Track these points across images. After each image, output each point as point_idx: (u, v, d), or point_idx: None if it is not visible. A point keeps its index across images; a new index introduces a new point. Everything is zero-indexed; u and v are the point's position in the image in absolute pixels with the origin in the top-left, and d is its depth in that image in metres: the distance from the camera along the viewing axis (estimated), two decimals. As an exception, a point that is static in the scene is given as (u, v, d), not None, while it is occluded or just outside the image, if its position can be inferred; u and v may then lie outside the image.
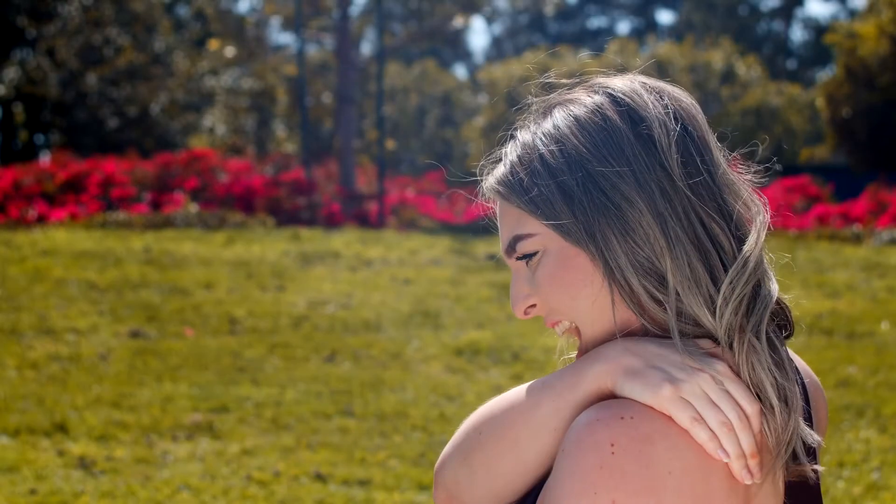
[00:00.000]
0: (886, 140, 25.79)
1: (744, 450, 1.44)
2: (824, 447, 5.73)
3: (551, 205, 1.54)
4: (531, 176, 1.56)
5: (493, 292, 11.36)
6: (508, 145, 1.63)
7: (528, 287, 1.59)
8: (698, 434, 1.42)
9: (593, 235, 1.51)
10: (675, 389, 1.44)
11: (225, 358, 8.80)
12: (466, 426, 1.58)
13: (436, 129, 39.73)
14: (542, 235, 1.56)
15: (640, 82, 1.59)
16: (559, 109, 1.59)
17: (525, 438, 1.51)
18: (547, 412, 1.50)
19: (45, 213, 16.37)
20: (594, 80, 1.62)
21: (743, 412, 1.45)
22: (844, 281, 12.08)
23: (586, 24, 58.27)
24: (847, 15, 52.06)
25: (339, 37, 22.19)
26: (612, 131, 1.54)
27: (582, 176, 1.53)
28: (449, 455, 1.59)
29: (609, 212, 1.51)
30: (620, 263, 1.50)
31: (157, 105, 32.99)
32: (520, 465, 1.52)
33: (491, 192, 1.63)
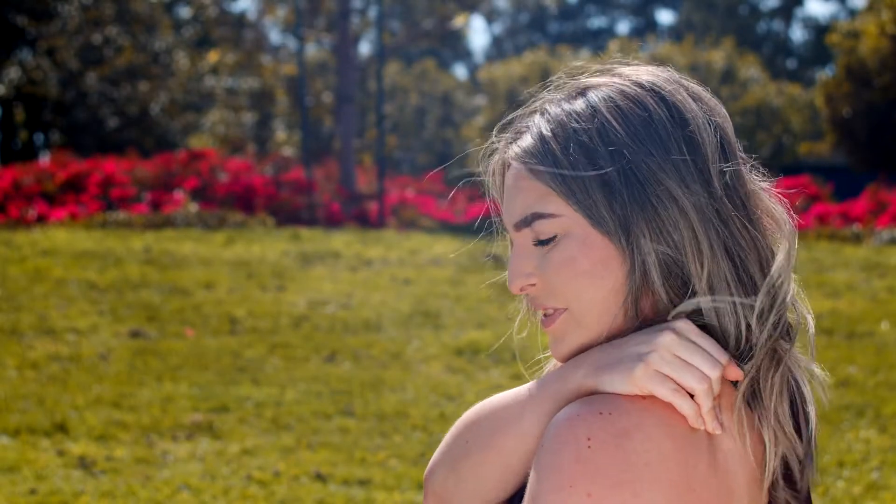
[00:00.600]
0: (886, 140, 25.78)
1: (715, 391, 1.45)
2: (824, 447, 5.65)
3: (587, 190, 1.50)
4: (566, 155, 1.51)
5: (493, 292, 11.36)
6: (534, 117, 1.58)
7: (532, 265, 1.55)
8: (680, 405, 1.43)
9: (627, 230, 1.49)
10: (646, 366, 1.44)
11: (225, 358, 8.80)
12: (453, 433, 1.60)
13: (436, 130, 39.74)
14: (568, 218, 1.51)
15: (678, 81, 1.56)
16: (595, 93, 1.55)
17: (510, 446, 1.53)
18: (531, 420, 1.51)
19: (45, 212, 16.38)
20: (623, 69, 1.59)
21: (714, 357, 1.46)
22: (844, 281, 12.07)
23: (586, 24, 58.27)
24: (847, 15, 52.06)
25: (339, 37, 22.19)
26: (658, 126, 1.51)
27: (624, 165, 1.49)
28: (437, 462, 1.61)
29: (647, 208, 1.48)
30: (648, 262, 1.49)
31: (157, 105, 32.98)
32: (506, 472, 1.54)
33: (516, 161, 1.56)
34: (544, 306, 1.55)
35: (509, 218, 1.58)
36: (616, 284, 1.51)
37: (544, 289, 1.55)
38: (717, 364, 1.45)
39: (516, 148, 1.57)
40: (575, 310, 1.53)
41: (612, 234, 1.49)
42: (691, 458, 1.44)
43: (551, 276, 1.53)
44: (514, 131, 1.60)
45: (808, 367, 1.55)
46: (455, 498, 1.59)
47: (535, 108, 1.60)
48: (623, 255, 1.50)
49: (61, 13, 32.05)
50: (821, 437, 6.92)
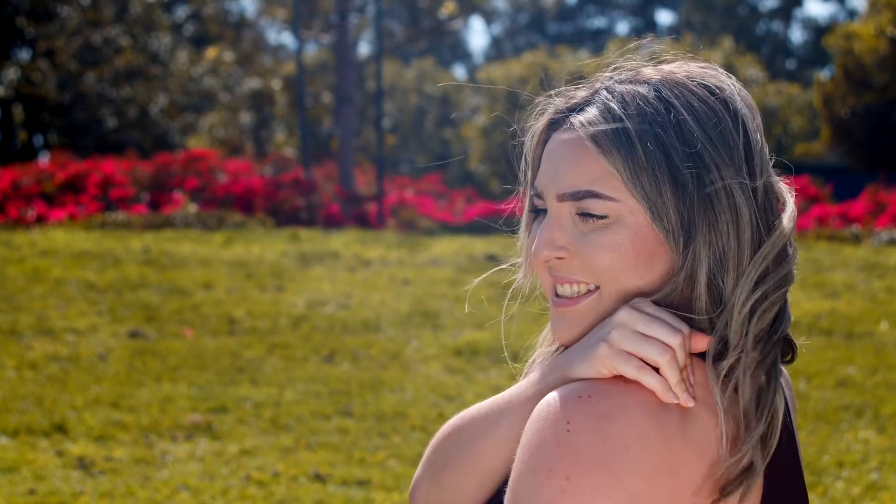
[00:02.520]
0: (885, 140, 25.79)
1: (680, 361, 1.43)
2: (823, 447, 5.66)
3: (657, 185, 1.47)
4: (643, 143, 1.47)
5: (492, 292, 11.34)
6: (601, 94, 1.53)
7: (566, 240, 1.52)
8: (646, 380, 1.42)
9: (689, 234, 1.47)
10: (608, 346, 1.44)
11: (224, 358, 8.80)
12: (434, 445, 1.61)
13: (435, 130, 39.74)
14: (626, 205, 1.48)
15: (733, 84, 1.54)
16: (666, 86, 1.51)
17: (488, 454, 1.54)
18: (507, 427, 1.52)
19: (44, 213, 16.37)
20: (675, 64, 1.56)
21: (672, 326, 1.44)
22: (843, 281, 12.07)
23: (586, 24, 58.28)
24: (846, 15, 52.08)
25: (338, 37, 22.19)
26: (727, 134, 1.49)
27: (696, 167, 1.47)
28: (420, 477, 1.62)
29: (711, 215, 1.47)
30: (701, 269, 1.47)
31: (155, 105, 32.98)
32: (486, 479, 1.55)
33: (583, 133, 1.50)
34: (571, 279, 1.52)
35: (553, 185, 1.52)
36: (653, 278, 1.50)
37: (574, 264, 1.51)
38: (677, 331, 1.44)
39: (583, 118, 1.51)
40: (607, 290, 1.50)
41: (670, 233, 1.47)
42: (674, 440, 1.43)
43: (592, 256, 1.50)
44: (567, 100, 1.56)
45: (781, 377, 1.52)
46: None
47: (595, 85, 1.56)
48: (671, 255, 1.48)
49: (60, 14, 32.04)
50: (820, 438, 6.92)
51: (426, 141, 39.82)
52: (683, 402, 1.43)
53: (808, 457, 6.55)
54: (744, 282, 1.47)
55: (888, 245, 15.09)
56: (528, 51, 37.37)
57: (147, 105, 32.78)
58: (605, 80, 1.56)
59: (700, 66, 1.56)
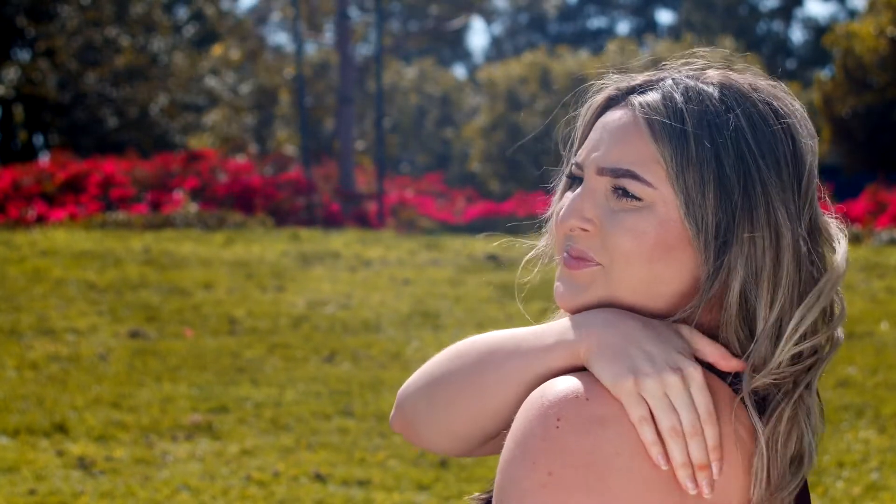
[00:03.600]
0: (885, 140, 25.79)
1: (692, 460, 1.39)
2: (824, 447, 5.65)
3: (702, 183, 1.45)
4: (696, 140, 1.46)
5: (492, 292, 11.36)
6: (666, 81, 1.52)
7: (595, 213, 1.50)
8: (644, 434, 1.39)
9: (726, 243, 1.45)
10: (636, 383, 1.41)
11: (224, 358, 8.80)
12: (439, 358, 1.58)
13: (435, 130, 39.74)
14: (662, 194, 1.47)
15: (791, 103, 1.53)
16: (729, 92, 1.50)
17: (491, 386, 1.51)
18: (517, 366, 1.49)
19: (45, 213, 16.38)
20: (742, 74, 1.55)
21: (699, 420, 1.40)
22: (844, 281, 12.07)
23: (586, 24, 58.28)
24: (846, 15, 52.07)
25: (339, 37, 22.19)
26: (779, 150, 1.48)
27: (744, 176, 1.45)
28: (413, 384, 1.59)
29: (755, 226, 1.45)
30: (734, 280, 1.45)
31: (156, 105, 32.99)
32: (480, 411, 1.52)
33: (639, 114, 1.49)
34: (586, 255, 1.50)
35: (596, 155, 1.51)
36: (668, 277, 1.47)
37: (594, 240, 1.50)
38: (699, 429, 1.40)
39: (643, 100, 1.50)
40: (613, 271, 1.49)
41: (701, 233, 1.45)
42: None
43: (612, 235, 1.48)
44: (630, 80, 1.55)
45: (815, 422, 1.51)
46: (423, 425, 1.58)
47: (661, 74, 1.55)
48: (693, 257, 1.47)
49: (60, 14, 32.05)
50: (820, 437, 6.91)
51: (426, 141, 39.82)
52: (683, 484, 1.39)
53: (808, 457, 6.54)
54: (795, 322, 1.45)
55: (888, 245, 15.09)
56: (528, 50, 37.36)
57: (147, 105, 32.78)
58: (672, 69, 1.56)
59: (769, 83, 1.54)
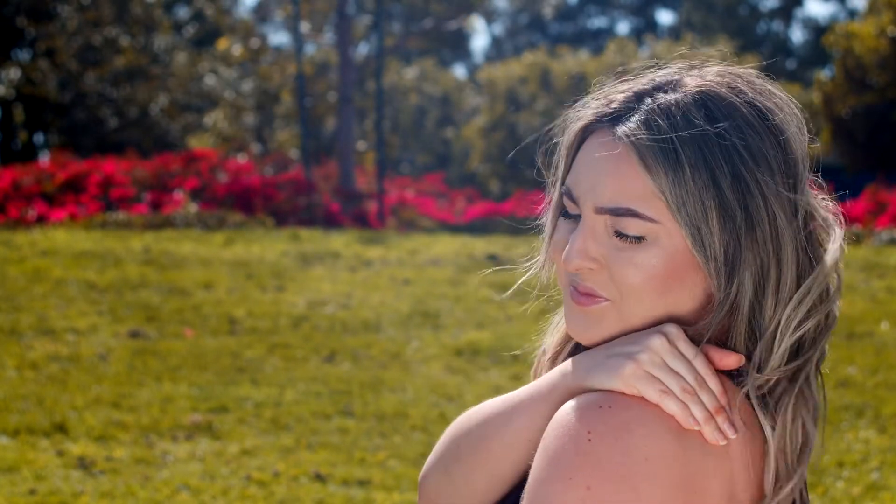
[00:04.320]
0: (885, 140, 25.79)
1: (709, 407, 1.42)
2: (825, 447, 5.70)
3: (703, 212, 1.42)
4: (691, 167, 1.42)
5: (492, 292, 11.36)
6: (645, 102, 1.47)
7: (599, 252, 1.47)
8: (668, 406, 1.41)
9: (733, 265, 1.44)
10: (636, 365, 1.42)
11: (224, 358, 8.80)
12: (447, 438, 1.60)
13: (435, 130, 39.74)
14: (666, 228, 1.44)
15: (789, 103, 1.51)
16: (713, 104, 1.46)
17: (499, 451, 1.53)
18: (519, 426, 1.51)
19: (45, 213, 16.38)
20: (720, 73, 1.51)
21: (698, 373, 1.43)
22: (844, 281, 12.04)
23: (586, 24, 58.27)
24: (846, 15, 52.07)
25: (339, 37, 22.19)
26: (770, 156, 1.46)
27: (742, 194, 1.43)
28: (431, 466, 1.61)
29: (755, 245, 1.44)
30: (745, 300, 1.45)
31: (156, 105, 32.99)
32: (496, 477, 1.54)
33: (628, 146, 1.45)
34: (594, 292, 1.49)
35: (591, 196, 1.47)
36: (680, 303, 1.47)
37: (601, 277, 1.48)
38: (702, 381, 1.43)
39: (627, 129, 1.46)
40: (624, 306, 1.48)
41: (711, 261, 1.43)
42: (695, 457, 1.42)
43: (621, 273, 1.46)
44: (607, 103, 1.50)
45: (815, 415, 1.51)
46: (447, 501, 1.59)
47: (633, 89, 1.50)
48: (704, 279, 1.46)
49: (60, 14, 32.05)
50: (820, 437, 6.91)
51: (427, 141, 39.82)
52: (711, 438, 1.42)
53: (808, 457, 6.54)
54: (787, 317, 1.45)
55: (888, 245, 15.09)
56: (528, 50, 37.35)
57: (148, 105, 32.79)
58: (645, 83, 1.51)
59: (748, 80, 1.52)
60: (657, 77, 1.52)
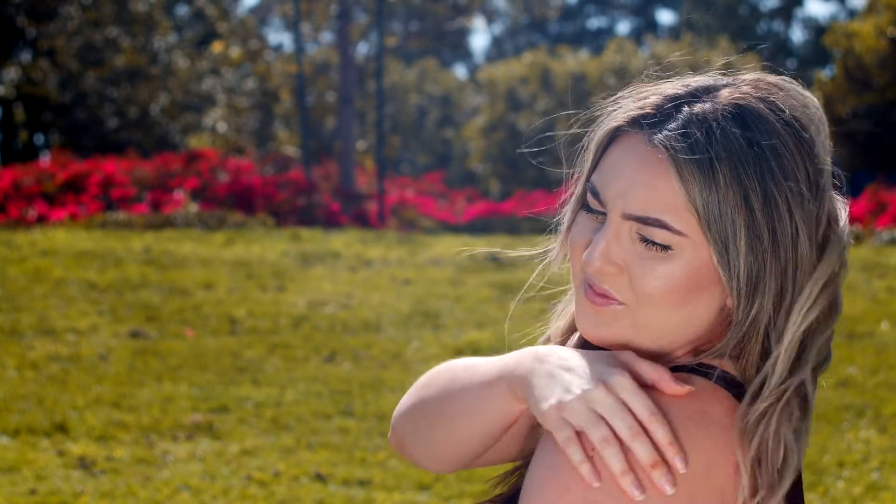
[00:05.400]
0: (885, 140, 25.79)
1: (641, 461, 1.35)
2: (824, 447, 5.65)
3: (734, 231, 1.40)
4: (726, 184, 1.40)
5: (493, 292, 11.35)
6: (684, 110, 1.44)
7: (621, 257, 1.45)
8: (571, 455, 1.36)
9: (755, 286, 1.42)
10: (558, 409, 1.38)
11: (225, 358, 8.80)
12: (418, 384, 1.62)
13: (436, 130, 39.74)
14: (693, 242, 1.42)
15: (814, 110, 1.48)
16: (752, 117, 1.44)
17: (454, 416, 1.54)
18: (468, 400, 1.52)
19: (45, 213, 16.38)
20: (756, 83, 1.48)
21: (637, 422, 1.36)
22: (844, 281, 12.07)
23: (586, 24, 58.28)
24: (847, 15, 52.08)
25: (339, 37, 22.20)
26: (800, 178, 1.43)
27: (772, 216, 1.41)
28: (401, 408, 1.64)
29: (779, 266, 1.42)
30: (762, 318, 1.43)
31: (156, 105, 32.99)
32: (452, 438, 1.56)
33: (664, 154, 1.42)
34: (609, 294, 1.47)
35: (620, 200, 1.45)
36: (696, 315, 1.45)
37: (620, 282, 1.46)
38: (638, 431, 1.36)
39: (664, 137, 1.43)
40: (639, 314, 1.45)
41: (734, 279, 1.42)
42: (697, 470, 1.41)
43: (641, 281, 1.44)
44: (640, 105, 1.47)
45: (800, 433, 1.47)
46: (410, 444, 1.64)
47: (671, 93, 1.48)
48: (721, 292, 1.44)
49: (61, 13, 32.05)
50: (821, 437, 6.92)
51: (427, 140, 39.82)
52: (630, 494, 1.36)
53: (809, 457, 6.55)
54: (793, 319, 1.44)
55: (889, 245, 15.09)
56: (528, 50, 37.36)
57: (148, 105, 32.79)
58: (678, 87, 1.49)
59: (784, 91, 1.48)
60: (692, 82, 1.50)
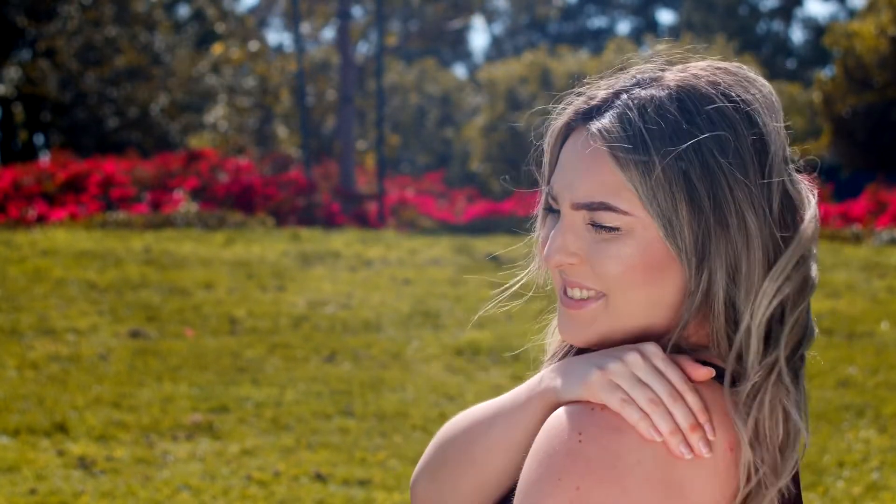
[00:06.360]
0: (885, 140, 25.79)
1: (680, 425, 1.41)
2: (824, 447, 5.65)
3: (673, 203, 1.45)
4: (660, 159, 1.44)
5: (492, 292, 11.34)
6: (621, 98, 1.50)
7: (578, 246, 1.50)
8: (629, 415, 1.41)
9: (703, 254, 1.45)
10: (603, 374, 1.43)
11: (225, 358, 8.80)
12: (434, 443, 1.62)
13: (435, 129, 39.74)
14: (639, 220, 1.46)
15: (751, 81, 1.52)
16: (686, 96, 1.48)
17: (482, 459, 1.55)
18: (499, 435, 1.53)
19: (45, 213, 16.38)
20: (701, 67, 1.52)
21: (674, 388, 1.42)
22: (844, 281, 12.07)
23: (586, 24, 58.28)
24: (847, 15, 52.09)
25: (339, 37, 22.19)
26: (743, 148, 1.46)
27: (712, 185, 1.44)
28: (420, 471, 1.63)
29: (727, 233, 1.45)
30: (718, 289, 1.45)
31: (156, 105, 32.99)
32: (481, 483, 1.55)
33: (599, 141, 1.47)
34: (581, 285, 1.51)
35: (568, 193, 1.50)
36: (665, 295, 1.48)
37: (585, 270, 1.50)
38: (677, 395, 1.42)
39: (600, 126, 1.48)
40: (613, 299, 1.49)
41: (683, 252, 1.45)
42: (689, 462, 1.42)
43: (601, 266, 1.48)
44: (587, 100, 1.53)
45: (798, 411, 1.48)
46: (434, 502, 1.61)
47: (615, 86, 1.53)
48: (685, 274, 1.46)
49: (61, 13, 32.05)
50: (821, 437, 6.92)
51: (427, 140, 39.82)
52: (675, 451, 1.41)
53: (808, 456, 6.55)
54: (759, 299, 1.45)
55: (889, 245, 15.09)
56: (528, 50, 37.36)
57: (148, 105, 32.79)
58: (626, 80, 1.53)
59: (730, 72, 1.53)
60: (639, 73, 1.54)
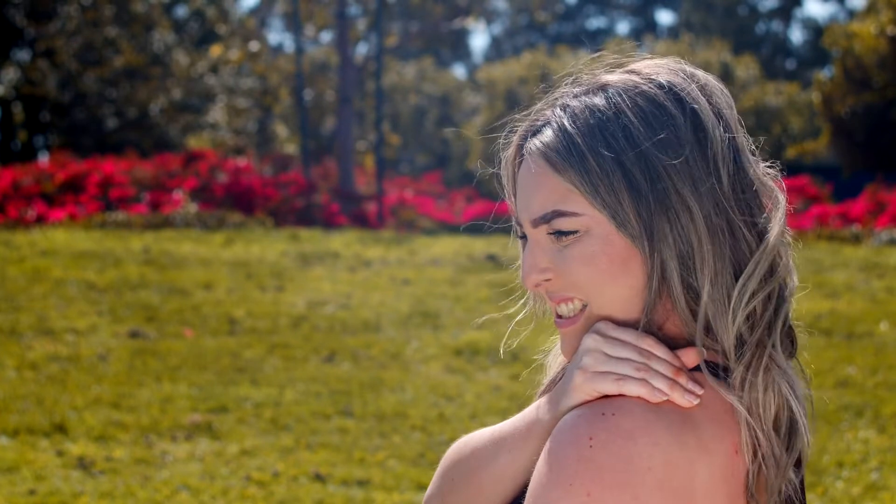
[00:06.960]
0: (885, 140, 25.79)
1: (668, 375, 1.44)
2: (824, 447, 5.65)
3: (614, 192, 1.48)
4: (593, 154, 1.48)
5: (492, 292, 11.35)
6: (554, 111, 1.54)
7: (548, 261, 1.53)
8: (630, 389, 1.43)
9: (651, 235, 1.47)
10: (582, 371, 1.46)
11: (224, 358, 8.80)
12: (443, 467, 1.63)
13: (435, 130, 39.74)
14: (590, 217, 1.49)
15: (692, 76, 1.54)
16: (617, 91, 1.52)
17: (488, 486, 1.56)
18: (504, 462, 1.54)
19: (44, 213, 16.37)
20: (642, 66, 1.56)
21: (640, 347, 1.46)
22: (843, 281, 12.07)
23: (585, 24, 58.28)
24: (846, 15, 52.09)
25: (339, 37, 22.19)
26: (679, 131, 1.49)
27: (647, 170, 1.47)
28: (430, 496, 1.65)
29: (670, 214, 1.47)
30: (670, 268, 1.47)
31: (156, 105, 32.98)
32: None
33: (536, 156, 1.52)
34: (564, 297, 1.53)
35: (526, 213, 1.54)
36: (637, 286, 1.49)
37: (562, 282, 1.52)
38: (647, 353, 1.45)
39: (537, 142, 1.53)
40: (593, 302, 1.51)
41: (637, 237, 1.48)
42: (699, 464, 1.42)
43: (570, 271, 1.51)
44: (531, 122, 1.57)
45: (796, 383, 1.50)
46: None
47: (554, 101, 1.56)
48: (644, 259, 1.48)
49: (60, 13, 32.04)
50: (820, 438, 6.92)
51: (426, 140, 39.82)
52: (682, 403, 1.43)
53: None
54: (737, 293, 1.47)
55: (888, 245, 15.09)
56: (527, 50, 37.37)
57: (147, 105, 32.78)
58: (562, 93, 1.57)
59: (669, 66, 1.55)
60: (576, 83, 1.58)
